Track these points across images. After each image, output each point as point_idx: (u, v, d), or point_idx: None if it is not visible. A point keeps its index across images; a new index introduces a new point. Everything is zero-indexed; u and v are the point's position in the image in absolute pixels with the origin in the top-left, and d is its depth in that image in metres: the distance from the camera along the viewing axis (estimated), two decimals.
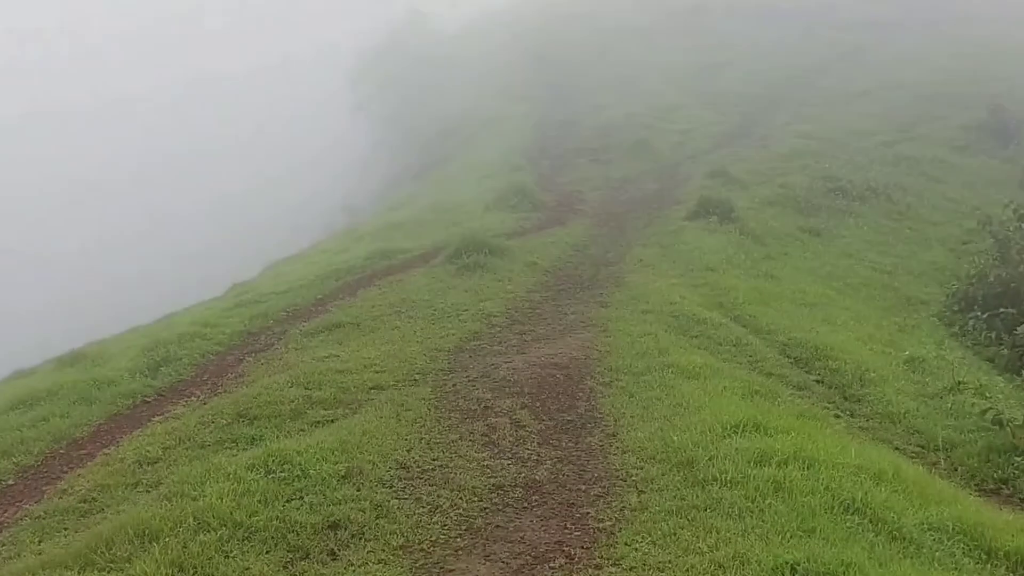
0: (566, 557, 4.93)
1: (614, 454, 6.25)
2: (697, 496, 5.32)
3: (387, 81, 49.86)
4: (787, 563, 4.41)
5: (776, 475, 5.45)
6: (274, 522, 5.22)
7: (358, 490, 5.68)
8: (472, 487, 5.79)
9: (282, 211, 48.45)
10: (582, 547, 5.01)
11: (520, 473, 6.02)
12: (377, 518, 5.36)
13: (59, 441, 7.37)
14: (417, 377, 8.30)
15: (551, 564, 4.87)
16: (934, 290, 14.41)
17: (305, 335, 10.19)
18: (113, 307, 31.14)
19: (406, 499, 5.64)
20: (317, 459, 5.99)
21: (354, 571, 4.84)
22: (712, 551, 4.68)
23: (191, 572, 4.76)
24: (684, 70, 31.07)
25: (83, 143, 62.73)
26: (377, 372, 8.49)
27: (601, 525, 5.22)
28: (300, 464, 5.90)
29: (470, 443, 6.56)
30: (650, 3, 38.61)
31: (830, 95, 27.00)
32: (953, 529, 5.22)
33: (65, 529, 5.66)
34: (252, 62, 70.56)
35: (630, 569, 4.64)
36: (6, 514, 6.12)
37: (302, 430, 6.95)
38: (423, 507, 5.54)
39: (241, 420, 7.24)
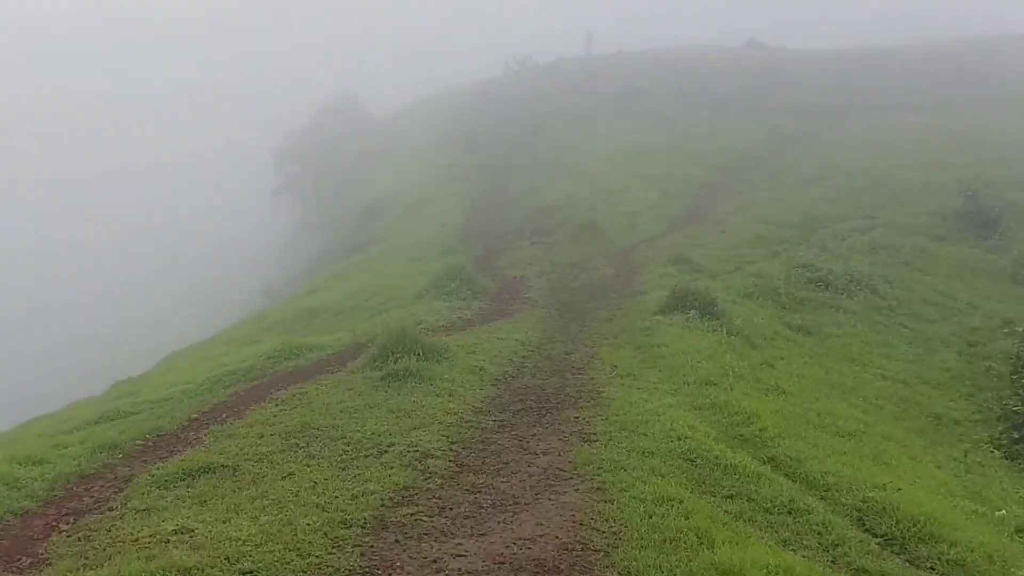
0: None
1: None
2: None
3: (313, 162, 46.64)
4: None
5: None
6: None
7: None
8: None
9: (197, 294, 44.00)
10: None
11: None
12: None
13: None
14: None
15: None
16: (960, 405, 11.61)
17: (156, 484, 6.61)
18: None
19: None
20: None
21: None
22: None
23: None
24: (623, 152, 28.81)
25: None
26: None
27: None
28: None
29: None
30: (585, 87, 36.79)
31: (781, 179, 24.93)
32: None
33: None
34: (176, 148, 66.63)
35: None
36: None
37: None
38: None
39: None
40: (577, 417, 8.09)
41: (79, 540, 5.73)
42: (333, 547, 5.31)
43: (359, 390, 8.70)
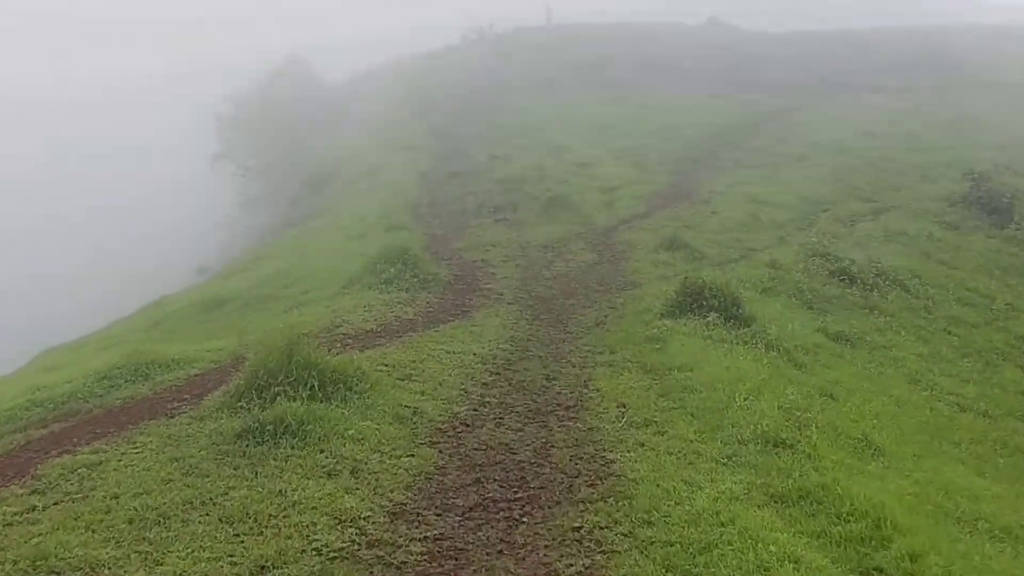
0: None
1: None
2: None
3: (258, 128, 41.54)
4: None
5: None
6: None
7: None
8: None
9: (132, 278, 39.01)
10: None
11: None
12: None
13: None
14: None
15: None
16: None
17: None
18: None
19: None
20: None
21: None
22: None
23: None
24: (590, 124, 24.93)
25: None
26: None
27: None
28: None
29: None
30: (546, 56, 32.73)
31: (765, 156, 21.33)
32: None
33: None
34: (118, 126, 60.53)
35: None
36: None
37: None
38: None
39: None
40: (578, 530, 4.25)
41: None
42: None
43: (191, 461, 4.74)
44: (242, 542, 3.80)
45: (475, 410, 6.11)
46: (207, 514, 4.04)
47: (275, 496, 4.24)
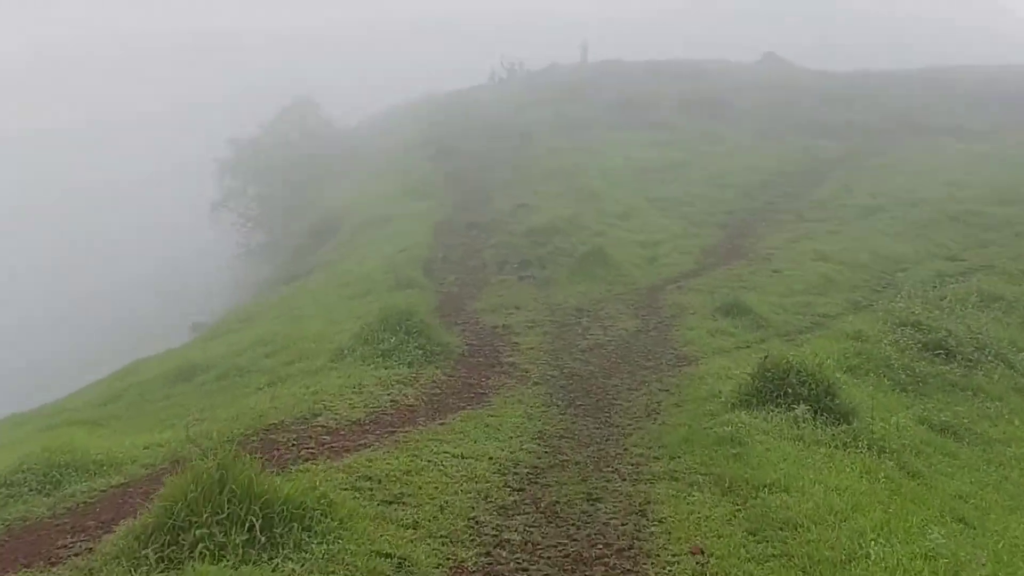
0: None
1: None
2: None
3: (260, 175, 40.92)
4: None
5: None
6: None
7: None
8: None
9: (115, 330, 38.18)
10: None
11: None
12: None
13: None
14: None
15: None
16: None
17: None
18: None
19: None
20: None
21: None
22: None
23: None
24: (629, 169, 23.74)
25: None
26: None
27: None
28: None
29: None
30: (581, 93, 31.84)
31: (831, 208, 19.91)
32: None
33: None
34: (123, 166, 60.90)
35: None
36: None
37: None
38: None
39: None
40: None
41: None
42: None
43: None
44: None
45: (488, 555, 4.62)
46: None
47: None
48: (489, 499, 5.47)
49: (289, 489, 4.25)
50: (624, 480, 6.06)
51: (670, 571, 4.50)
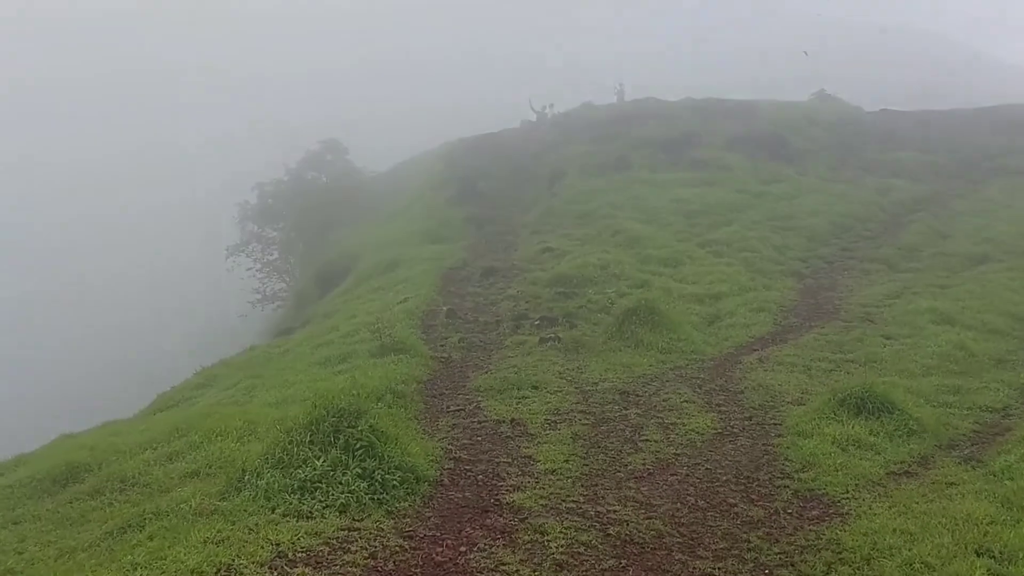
0: None
1: None
2: None
3: (281, 220, 37.57)
4: None
5: None
6: None
7: None
8: None
9: (110, 377, 34.86)
10: None
11: None
12: None
13: None
14: None
15: None
16: None
17: None
18: None
19: None
20: None
21: None
22: None
23: None
24: (675, 210, 19.59)
25: None
26: None
27: None
28: None
29: None
30: (617, 131, 27.86)
31: (929, 257, 15.55)
32: None
33: None
34: (148, 202, 58.36)
35: None
36: None
37: None
38: None
39: None
40: None
41: None
42: None
43: None
44: None
45: None
46: None
47: None
48: None
49: None
50: None
51: None
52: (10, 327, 46.57)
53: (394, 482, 5.60)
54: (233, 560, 4.48)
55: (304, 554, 4.62)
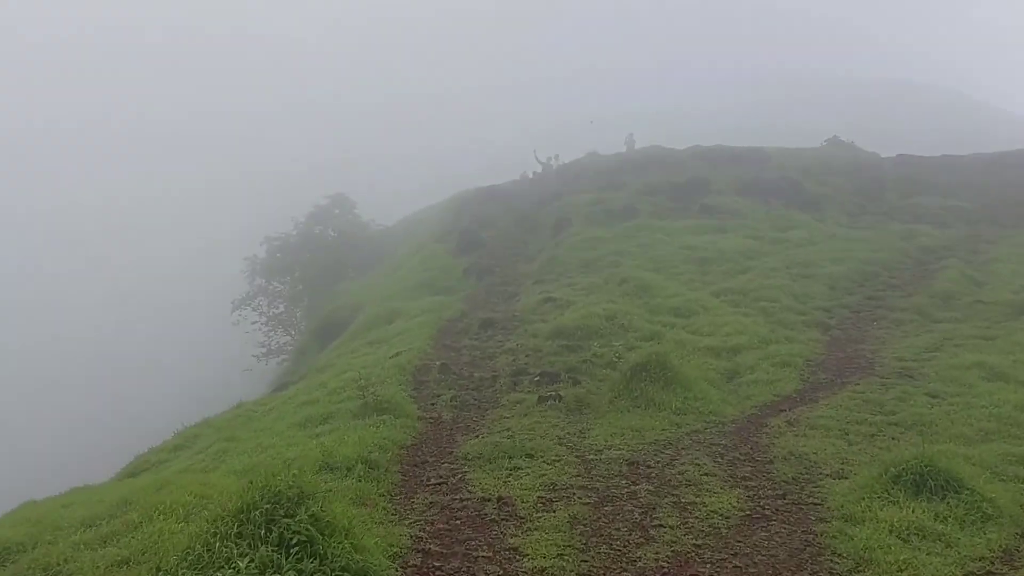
0: None
1: None
2: None
3: (288, 274, 36.75)
4: None
5: None
6: None
7: None
8: None
9: (102, 431, 33.72)
10: None
11: None
12: None
13: None
14: None
15: None
16: None
17: None
18: None
19: None
20: None
21: None
22: None
23: None
24: (685, 258, 18.44)
25: None
26: None
27: None
28: None
29: None
30: (623, 179, 26.88)
31: (968, 307, 14.25)
32: None
33: None
34: (160, 251, 58.03)
35: None
36: None
37: None
38: None
39: None
40: None
41: None
42: None
43: None
44: None
45: None
46: None
47: None
48: None
49: None
50: None
51: None
52: (15, 378, 45.92)
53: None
54: None
55: None
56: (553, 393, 10.20)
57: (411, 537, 5.56)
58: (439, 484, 7.06)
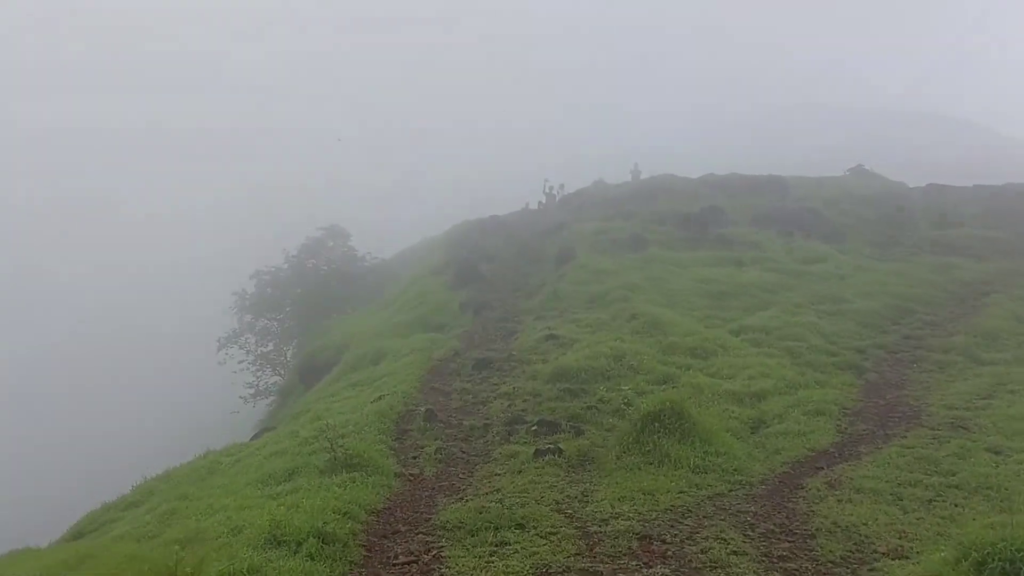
0: None
1: None
2: None
3: (277, 310, 35.67)
4: None
5: None
6: None
7: None
8: None
9: (72, 481, 32.52)
10: None
11: None
12: None
13: None
14: None
15: None
16: None
17: None
18: None
19: None
20: None
21: None
22: None
23: None
24: (699, 292, 17.40)
25: None
26: None
27: None
28: None
29: None
30: (631, 208, 25.97)
31: (1017, 347, 13.10)
32: None
33: None
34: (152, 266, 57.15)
35: None
36: None
37: None
38: None
39: None
40: None
41: None
42: None
43: None
44: None
45: None
46: None
47: None
48: None
49: None
50: None
51: None
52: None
53: None
54: None
55: None
56: (552, 446, 9.10)
57: None
58: (408, 564, 5.98)
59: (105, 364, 48.82)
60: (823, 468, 8.05)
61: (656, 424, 8.58)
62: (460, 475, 8.93)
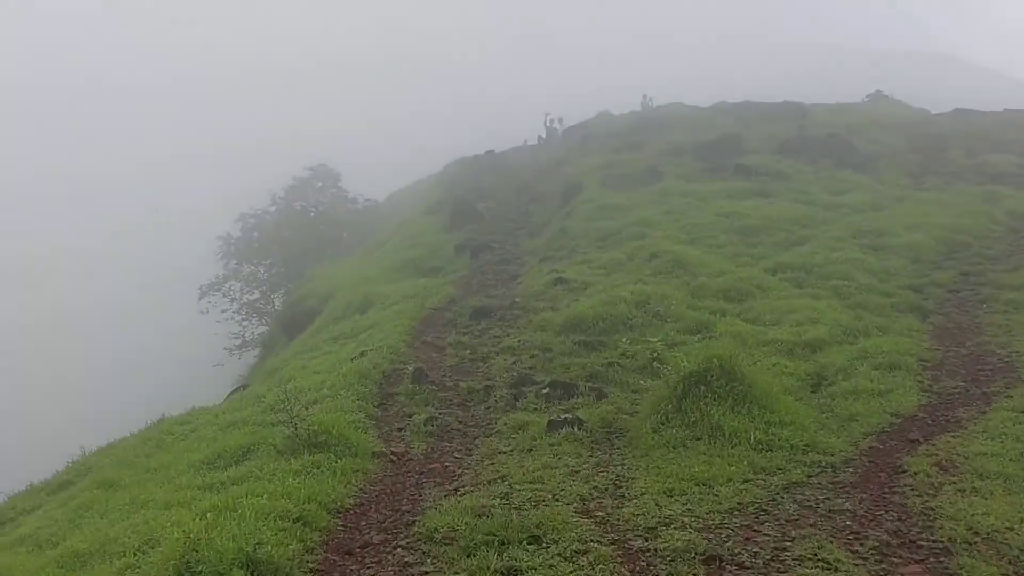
0: None
1: None
2: None
3: (263, 256, 33.55)
4: None
5: None
6: None
7: None
8: None
9: (54, 439, 31.03)
10: None
11: None
12: None
13: None
14: None
15: None
16: None
17: None
18: None
19: None
20: None
21: None
22: None
23: None
24: (724, 227, 15.38)
25: None
26: None
27: None
28: None
29: None
30: (641, 138, 23.82)
31: None
32: None
33: None
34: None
35: None
36: None
37: None
38: None
39: None
40: None
41: None
42: None
43: None
44: None
45: None
46: None
47: None
48: None
49: None
50: None
51: None
52: None
53: None
54: None
55: None
56: (568, 415, 7.29)
57: None
58: None
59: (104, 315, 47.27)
60: (919, 441, 6.24)
61: (702, 387, 6.74)
62: (455, 454, 7.15)
